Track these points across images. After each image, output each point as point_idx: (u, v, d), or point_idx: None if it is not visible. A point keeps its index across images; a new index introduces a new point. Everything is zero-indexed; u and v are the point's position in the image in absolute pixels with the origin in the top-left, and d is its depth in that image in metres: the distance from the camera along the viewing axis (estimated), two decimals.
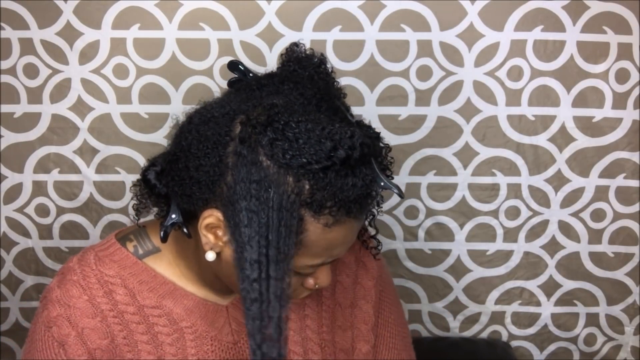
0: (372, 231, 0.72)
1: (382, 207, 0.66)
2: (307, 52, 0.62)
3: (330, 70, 0.62)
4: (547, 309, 1.21)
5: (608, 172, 1.13)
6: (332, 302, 0.75)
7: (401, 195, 0.60)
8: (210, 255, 0.60)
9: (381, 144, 0.62)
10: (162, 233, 0.62)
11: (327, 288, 0.73)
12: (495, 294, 1.21)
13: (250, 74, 0.64)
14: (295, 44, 0.62)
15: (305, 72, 0.60)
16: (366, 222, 0.68)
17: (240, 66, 0.65)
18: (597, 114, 1.10)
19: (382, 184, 0.58)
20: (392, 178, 0.62)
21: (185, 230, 0.61)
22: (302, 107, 0.57)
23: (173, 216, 0.61)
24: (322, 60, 0.61)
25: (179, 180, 0.58)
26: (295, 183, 0.53)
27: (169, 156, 0.60)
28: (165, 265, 0.69)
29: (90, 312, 0.66)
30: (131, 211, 1.13)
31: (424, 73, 1.08)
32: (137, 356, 0.67)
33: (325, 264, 0.62)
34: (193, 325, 0.69)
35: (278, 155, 0.53)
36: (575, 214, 1.15)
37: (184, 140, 0.59)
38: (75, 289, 0.67)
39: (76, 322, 0.66)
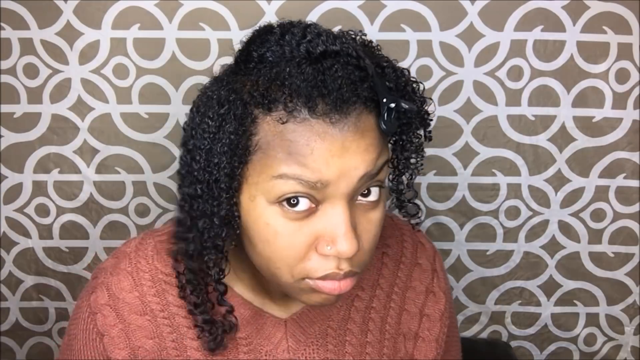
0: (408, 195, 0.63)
1: (422, 157, 0.58)
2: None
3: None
4: (547, 309, 1.21)
5: (608, 172, 1.13)
6: (395, 330, 0.70)
7: (412, 108, 0.53)
8: None
9: (397, 67, 0.57)
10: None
11: (392, 314, 0.69)
12: (495, 294, 1.21)
13: None
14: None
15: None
16: (393, 180, 0.61)
17: None
18: (597, 114, 1.10)
19: (384, 99, 0.51)
20: (417, 103, 0.56)
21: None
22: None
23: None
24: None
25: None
26: (251, 82, 0.52)
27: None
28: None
29: (140, 310, 0.63)
30: (132, 212, 1.14)
31: (424, 73, 1.08)
32: None
33: (302, 181, 0.50)
34: (248, 337, 0.64)
35: (240, 61, 0.54)
36: (575, 214, 1.15)
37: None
38: (127, 281, 0.63)
39: (123, 316, 0.62)
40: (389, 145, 0.58)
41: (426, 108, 0.58)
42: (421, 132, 0.60)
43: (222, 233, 0.55)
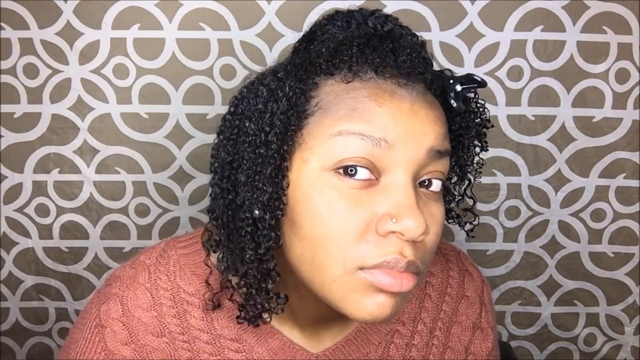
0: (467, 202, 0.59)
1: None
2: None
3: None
4: (547, 309, 1.21)
5: (608, 172, 1.13)
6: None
7: (483, 83, 0.51)
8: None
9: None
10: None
11: (434, 352, 0.63)
12: (495, 294, 1.21)
13: None
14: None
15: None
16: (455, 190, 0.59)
17: None
18: (597, 114, 1.10)
19: (451, 82, 0.50)
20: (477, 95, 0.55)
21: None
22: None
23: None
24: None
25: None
26: (315, 53, 0.51)
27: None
28: None
29: (157, 331, 0.57)
30: (132, 212, 1.14)
31: None
32: None
33: (363, 136, 0.46)
34: None
35: (303, 45, 0.55)
36: (575, 214, 1.15)
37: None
38: (144, 298, 0.57)
39: (138, 336, 0.56)
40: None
41: (486, 116, 0.56)
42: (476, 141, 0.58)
43: (268, 204, 0.48)
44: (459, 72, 1.10)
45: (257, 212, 0.48)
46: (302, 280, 0.50)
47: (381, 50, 0.49)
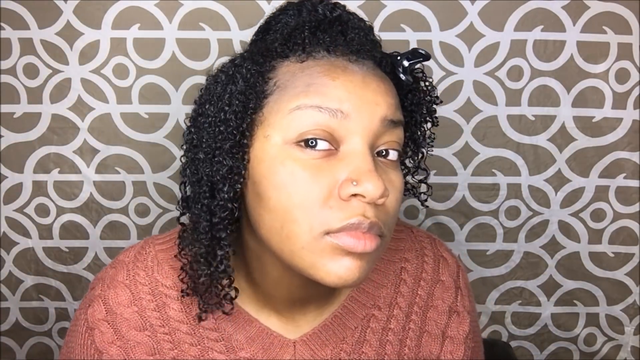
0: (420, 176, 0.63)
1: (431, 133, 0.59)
2: None
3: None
4: (547, 309, 1.21)
5: (608, 172, 1.13)
6: (415, 354, 0.65)
7: (427, 56, 0.55)
8: None
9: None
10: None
11: (411, 335, 0.64)
12: (495, 294, 1.21)
13: None
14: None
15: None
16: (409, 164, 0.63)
17: None
18: (597, 114, 1.10)
19: (398, 58, 0.56)
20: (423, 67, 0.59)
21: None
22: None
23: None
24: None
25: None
26: (270, 39, 0.55)
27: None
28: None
29: (139, 325, 0.59)
30: (132, 212, 1.14)
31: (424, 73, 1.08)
32: None
33: (321, 107, 0.49)
34: (253, 357, 0.59)
35: (259, 36, 0.58)
36: (575, 214, 1.15)
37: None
38: (124, 294, 0.59)
39: (122, 332, 0.59)
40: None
41: (435, 93, 0.62)
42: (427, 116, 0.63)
43: (228, 176, 0.51)
44: (459, 72, 1.11)
45: (217, 183, 0.52)
46: (274, 253, 0.52)
47: (331, 32, 0.53)
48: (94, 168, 1.12)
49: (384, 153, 0.52)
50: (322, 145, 0.49)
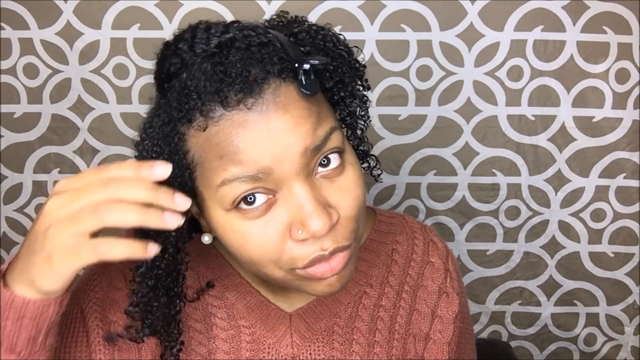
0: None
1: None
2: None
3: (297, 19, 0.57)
4: (547, 309, 1.21)
5: (608, 172, 1.13)
6: (405, 331, 0.67)
7: (322, 61, 0.50)
8: (207, 239, 0.57)
9: (306, 26, 0.54)
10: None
11: (401, 313, 0.67)
12: (495, 294, 1.21)
13: None
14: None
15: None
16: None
17: None
18: (597, 114, 1.10)
19: (295, 64, 0.49)
20: (334, 55, 0.54)
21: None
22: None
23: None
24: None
25: None
26: (166, 102, 0.52)
27: None
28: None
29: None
30: None
31: (424, 73, 1.08)
32: (187, 342, 0.61)
33: (250, 179, 0.48)
34: (252, 326, 0.62)
35: (158, 85, 0.55)
36: (575, 214, 1.15)
37: None
38: (117, 278, 0.62)
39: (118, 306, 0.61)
40: (335, 109, 0.57)
41: (354, 57, 0.56)
42: (359, 83, 0.59)
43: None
44: (459, 72, 1.11)
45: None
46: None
47: (215, 78, 0.48)
48: None
49: (324, 162, 0.51)
50: (260, 199, 0.49)
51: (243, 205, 0.49)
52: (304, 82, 0.49)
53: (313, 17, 1.04)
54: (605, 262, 1.18)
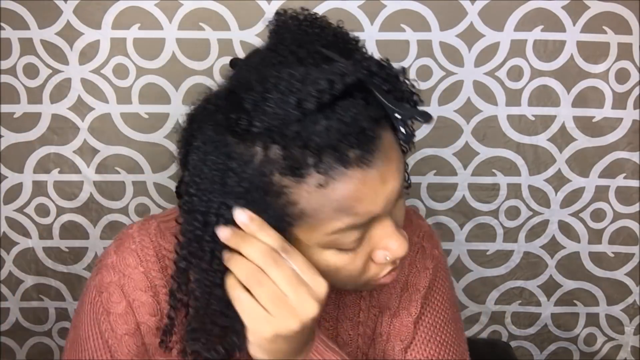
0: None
1: (413, 139, 0.53)
2: (287, 15, 0.58)
3: (309, 18, 0.57)
4: (547, 309, 1.21)
5: (608, 172, 1.13)
6: (378, 308, 0.70)
7: (426, 119, 0.51)
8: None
9: (389, 71, 0.53)
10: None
11: (375, 292, 0.69)
12: (495, 294, 1.21)
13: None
14: (279, 12, 0.59)
15: (282, 34, 0.56)
16: None
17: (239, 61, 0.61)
18: (597, 114, 1.10)
19: (396, 115, 0.50)
20: (417, 104, 0.55)
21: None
22: (264, 69, 0.52)
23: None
24: (307, 16, 0.57)
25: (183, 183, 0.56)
26: (265, 152, 0.48)
27: (179, 163, 0.59)
28: None
29: (144, 286, 0.63)
30: (132, 212, 1.14)
31: (424, 73, 1.08)
32: None
33: (361, 226, 0.52)
34: None
35: (236, 128, 0.49)
36: (575, 214, 1.15)
37: (178, 146, 0.58)
38: (132, 257, 0.63)
39: (128, 292, 0.62)
40: None
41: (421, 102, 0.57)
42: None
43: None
44: (459, 72, 1.11)
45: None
46: None
47: (337, 137, 0.47)
48: (94, 168, 1.12)
49: None
50: (356, 235, 0.53)
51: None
52: (404, 133, 0.51)
53: None
54: (605, 262, 1.18)
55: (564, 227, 1.16)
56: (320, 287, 0.51)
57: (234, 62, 0.60)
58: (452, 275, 1.19)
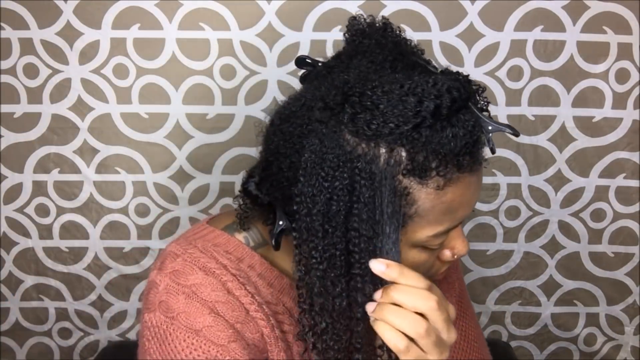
0: None
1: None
2: (368, 21, 0.60)
3: (397, 31, 0.59)
4: (547, 309, 1.21)
5: (608, 172, 1.13)
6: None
7: (516, 133, 0.55)
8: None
9: (474, 86, 0.57)
10: (273, 242, 0.58)
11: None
12: (495, 294, 1.21)
13: (319, 63, 0.61)
14: (353, 17, 0.61)
15: (370, 40, 0.58)
16: None
17: (307, 59, 0.62)
18: (597, 114, 1.10)
19: (489, 127, 0.53)
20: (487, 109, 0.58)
21: (294, 234, 0.55)
22: (375, 74, 0.53)
23: (280, 223, 0.57)
24: (386, 23, 0.59)
25: (277, 184, 0.55)
26: (389, 153, 0.50)
27: (263, 163, 0.58)
28: (279, 258, 0.64)
29: (214, 286, 0.60)
30: (132, 212, 1.14)
31: None
32: (276, 356, 0.62)
33: (452, 229, 0.56)
34: (292, 308, 0.65)
35: (363, 129, 0.49)
36: (575, 214, 1.15)
37: (271, 144, 0.57)
38: (207, 283, 0.60)
39: (204, 297, 0.59)
40: None
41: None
42: None
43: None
44: (459, 71, 1.10)
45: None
46: None
47: (460, 145, 0.51)
48: (94, 168, 1.12)
49: None
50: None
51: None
52: (492, 144, 0.54)
53: (313, 17, 1.04)
54: (605, 262, 1.18)
55: (564, 227, 1.16)
56: (454, 333, 0.53)
57: (305, 61, 0.61)
58: None
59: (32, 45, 1.06)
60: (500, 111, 1.10)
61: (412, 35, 1.05)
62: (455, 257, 0.59)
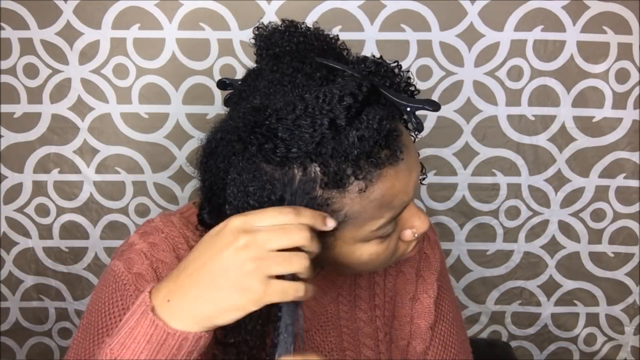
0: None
1: (423, 127, 0.55)
2: (273, 27, 0.60)
3: (302, 29, 0.59)
4: (547, 309, 1.21)
5: (608, 172, 1.13)
6: (393, 292, 0.74)
7: (436, 108, 0.54)
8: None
9: (390, 66, 0.56)
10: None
11: (389, 278, 0.74)
12: (495, 294, 1.21)
13: (239, 82, 0.62)
14: (257, 27, 0.60)
15: (274, 49, 0.58)
16: None
17: (226, 81, 0.62)
18: (597, 114, 1.10)
19: (407, 108, 0.53)
20: (413, 94, 0.57)
21: None
22: (275, 94, 0.54)
23: None
24: (288, 25, 0.59)
25: (224, 215, 0.55)
26: (304, 172, 0.51)
27: (206, 195, 0.60)
28: None
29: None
30: (132, 212, 1.14)
31: (424, 73, 1.08)
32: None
33: (397, 216, 0.56)
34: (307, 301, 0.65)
35: (271, 157, 0.51)
36: (575, 214, 1.15)
37: (205, 181, 0.59)
38: (164, 244, 0.64)
39: (162, 275, 0.61)
40: None
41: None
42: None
43: None
44: (459, 72, 1.11)
45: None
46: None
47: (369, 144, 0.50)
48: (94, 168, 1.12)
49: None
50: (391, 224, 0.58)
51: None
52: (416, 123, 0.54)
53: (313, 17, 1.04)
54: (605, 262, 1.18)
55: (564, 227, 1.16)
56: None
57: (226, 84, 0.62)
58: (452, 276, 1.19)
59: (32, 45, 1.06)
60: (500, 111, 1.10)
61: (412, 35, 1.06)
62: (417, 235, 0.60)
